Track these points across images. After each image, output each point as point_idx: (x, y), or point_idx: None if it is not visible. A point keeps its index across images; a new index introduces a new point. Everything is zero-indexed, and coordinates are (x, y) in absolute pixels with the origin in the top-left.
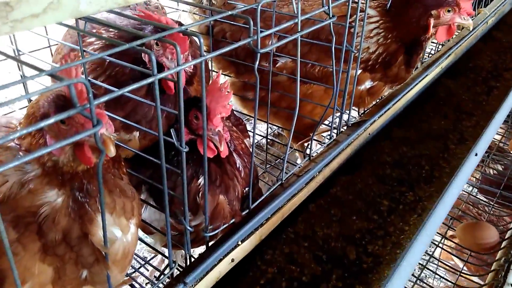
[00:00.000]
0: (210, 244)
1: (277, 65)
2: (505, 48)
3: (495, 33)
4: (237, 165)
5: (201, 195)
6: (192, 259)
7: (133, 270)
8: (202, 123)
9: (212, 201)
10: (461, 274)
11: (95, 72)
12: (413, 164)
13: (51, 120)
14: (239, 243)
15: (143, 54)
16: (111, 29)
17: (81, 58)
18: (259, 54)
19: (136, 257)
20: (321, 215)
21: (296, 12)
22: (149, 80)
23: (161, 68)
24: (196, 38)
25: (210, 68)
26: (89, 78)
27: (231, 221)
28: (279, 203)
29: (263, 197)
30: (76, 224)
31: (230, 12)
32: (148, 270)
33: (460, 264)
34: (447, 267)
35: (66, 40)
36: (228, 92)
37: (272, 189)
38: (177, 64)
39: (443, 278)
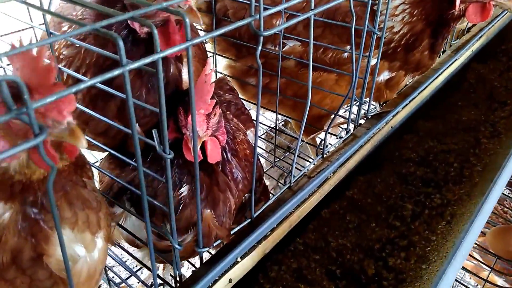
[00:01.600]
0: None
1: (284, 49)
2: None
3: None
4: (234, 175)
5: (182, 208)
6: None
7: (120, 281)
8: (187, 120)
9: (194, 216)
10: (487, 281)
11: (73, 65)
12: (440, 161)
13: None
14: (239, 259)
15: (138, 27)
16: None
17: (62, 47)
18: (261, 38)
19: (123, 269)
20: (335, 222)
21: None
22: (147, 60)
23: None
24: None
25: (212, 50)
26: (62, 68)
27: (218, 242)
28: (287, 210)
29: (267, 204)
30: (28, 244)
31: None
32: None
33: (485, 272)
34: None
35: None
36: (211, 84)
37: (278, 194)
38: (186, 39)
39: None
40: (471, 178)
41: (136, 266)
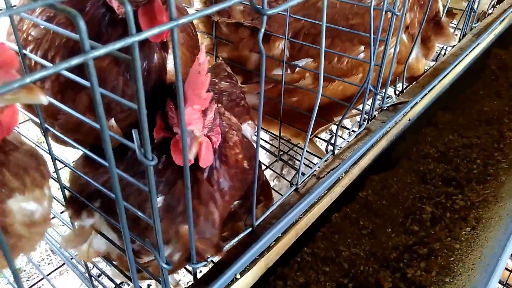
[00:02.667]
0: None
1: (297, 71)
2: None
3: None
4: (221, 185)
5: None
6: None
7: None
8: (177, 117)
9: (168, 231)
10: None
11: (42, 47)
12: (462, 157)
13: None
14: (238, 276)
15: (116, 5)
16: None
17: (30, 27)
18: (265, 17)
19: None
20: (347, 228)
21: None
22: (118, 45)
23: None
24: None
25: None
26: (28, 53)
27: (209, 259)
28: (293, 217)
29: (270, 210)
30: None
31: None
32: None
33: None
34: None
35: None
36: (207, 75)
37: (283, 198)
38: (170, 18)
39: None
40: (497, 176)
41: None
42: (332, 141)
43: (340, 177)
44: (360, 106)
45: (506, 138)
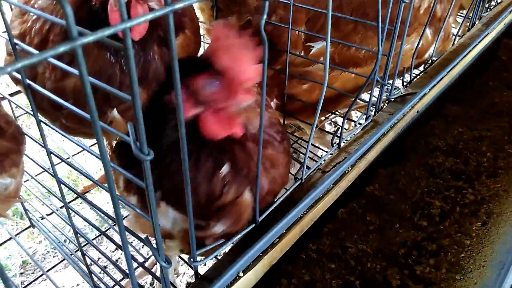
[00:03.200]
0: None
1: (312, 52)
2: None
3: None
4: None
5: (228, 189)
6: None
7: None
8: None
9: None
10: None
11: (28, 34)
12: (471, 150)
13: None
14: (240, 274)
15: None
16: None
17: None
18: (267, 3)
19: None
20: (353, 223)
21: None
22: (107, 32)
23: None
24: None
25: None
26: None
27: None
28: (298, 212)
29: (274, 205)
30: None
31: None
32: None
33: None
34: None
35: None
36: (252, 43)
37: (287, 192)
38: (165, 3)
39: None
40: (507, 170)
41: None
42: (338, 133)
43: (347, 171)
44: (367, 97)
45: None
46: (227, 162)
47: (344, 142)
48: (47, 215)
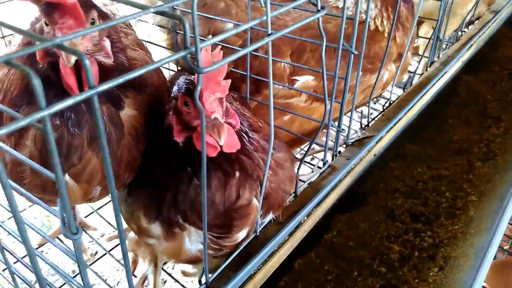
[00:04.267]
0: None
1: (296, 85)
2: None
3: None
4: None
5: (242, 193)
6: None
7: None
8: (194, 110)
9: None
10: None
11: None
12: (431, 190)
13: None
14: None
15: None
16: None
17: None
18: (201, 76)
19: None
20: (311, 274)
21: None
22: (22, 123)
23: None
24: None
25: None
26: None
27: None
28: (251, 268)
29: (226, 263)
30: None
31: None
32: None
33: None
34: None
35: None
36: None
37: (241, 247)
38: (89, 86)
39: None
40: (466, 210)
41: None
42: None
43: (302, 221)
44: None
45: (476, 168)
46: (237, 171)
47: (299, 190)
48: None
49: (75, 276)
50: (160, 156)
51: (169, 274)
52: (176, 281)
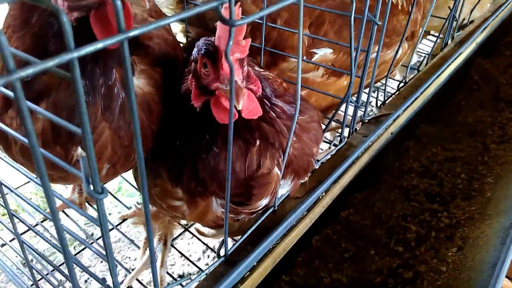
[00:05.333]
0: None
1: (314, 58)
2: None
3: None
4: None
5: (263, 162)
6: None
7: None
8: (213, 72)
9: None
10: None
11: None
12: (446, 171)
13: None
14: None
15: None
16: None
17: None
18: (233, 29)
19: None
20: (328, 251)
21: None
22: (50, 63)
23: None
24: None
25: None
26: None
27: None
28: (270, 243)
29: (245, 235)
30: None
31: None
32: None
33: None
34: None
35: None
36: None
37: (259, 221)
38: (119, 30)
39: None
40: (482, 192)
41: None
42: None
43: (320, 197)
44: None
45: (491, 150)
46: (257, 139)
47: (316, 167)
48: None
49: (95, 240)
50: (178, 123)
51: (180, 252)
52: (186, 258)
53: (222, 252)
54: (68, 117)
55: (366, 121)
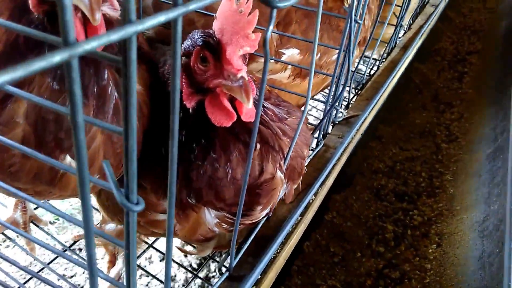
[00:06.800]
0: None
1: (282, 59)
2: (460, 29)
3: (450, 13)
4: (279, 115)
5: (266, 167)
6: None
7: None
8: (214, 67)
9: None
10: None
11: None
12: (408, 170)
13: None
14: None
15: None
16: None
17: None
18: (275, 11)
19: None
20: (319, 257)
21: None
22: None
23: None
24: None
25: None
26: None
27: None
28: (272, 253)
29: (245, 247)
30: None
31: None
32: None
33: None
34: None
35: None
36: (254, 13)
37: (255, 231)
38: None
39: None
40: (444, 189)
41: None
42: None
43: (311, 201)
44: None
45: (442, 149)
46: (258, 142)
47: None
48: None
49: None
50: (164, 127)
51: (145, 271)
52: (154, 277)
53: (224, 268)
54: (56, 119)
55: (337, 122)
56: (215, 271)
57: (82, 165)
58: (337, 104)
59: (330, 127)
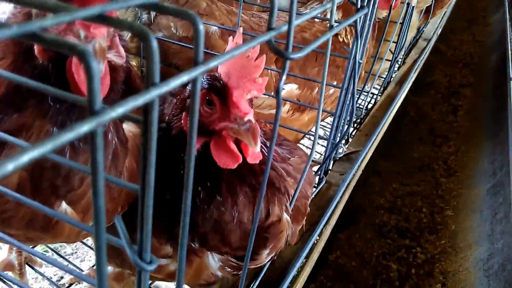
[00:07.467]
0: None
1: (281, 93)
2: (452, 62)
3: (441, 46)
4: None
5: (272, 209)
6: None
7: None
8: (220, 110)
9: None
10: None
11: None
12: (409, 206)
13: None
14: None
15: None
16: None
17: None
18: (288, 63)
19: None
20: None
21: None
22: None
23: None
24: None
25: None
26: None
27: None
28: None
29: None
30: None
31: None
32: None
33: None
34: None
35: None
36: (262, 57)
37: (260, 276)
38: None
39: None
40: (446, 225)
41: None
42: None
43: (316, 241)
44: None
45: (442, 184)
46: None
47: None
48: None
49: None
50: (169, 170)
51: None
52: None
53: None
54: (53, 166)
55: (337, 158)
56: None
57: (100, 229)
58: (343, 142)
59: (331, 163)
